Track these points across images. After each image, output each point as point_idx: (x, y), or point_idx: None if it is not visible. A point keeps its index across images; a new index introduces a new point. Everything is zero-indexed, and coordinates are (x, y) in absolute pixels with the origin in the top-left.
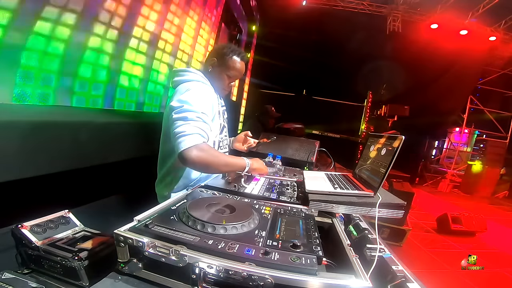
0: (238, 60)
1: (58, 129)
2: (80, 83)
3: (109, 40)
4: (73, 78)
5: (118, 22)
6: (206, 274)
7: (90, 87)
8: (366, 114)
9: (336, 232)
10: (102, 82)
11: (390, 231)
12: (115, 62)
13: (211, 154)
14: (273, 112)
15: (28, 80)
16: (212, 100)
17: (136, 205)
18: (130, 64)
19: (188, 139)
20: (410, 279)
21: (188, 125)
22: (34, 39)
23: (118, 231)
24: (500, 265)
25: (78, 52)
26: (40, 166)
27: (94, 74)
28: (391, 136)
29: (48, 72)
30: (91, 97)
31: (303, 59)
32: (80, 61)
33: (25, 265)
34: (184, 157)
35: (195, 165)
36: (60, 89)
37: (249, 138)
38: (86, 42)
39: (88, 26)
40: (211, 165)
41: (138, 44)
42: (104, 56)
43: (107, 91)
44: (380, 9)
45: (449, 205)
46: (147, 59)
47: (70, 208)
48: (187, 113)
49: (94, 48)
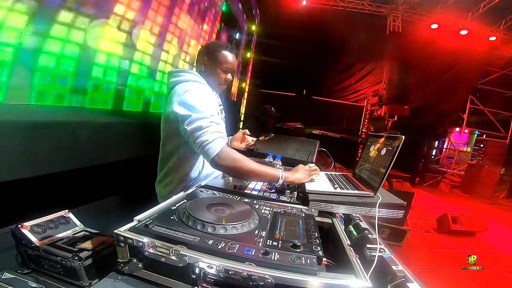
0: (228, 53)
1: (58, 129)
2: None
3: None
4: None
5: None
6: (206, 274)
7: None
8: (366, 114)
9: (336, 232)
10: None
11: (390, 231)
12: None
13: (237, 158)
14: (272, 112)
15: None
16: (212, 100)
17: (136, 205)
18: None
19: (213, 146)
20: (410, 279)
21: (207, 133)
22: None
23: (118, 231)
24: (500, 265)
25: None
26: (40, 166)
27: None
28: (391, 136)
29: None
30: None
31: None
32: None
33: (25, 265)
34: (216, 164)
35: (225, 169)
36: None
37: (247, 137)
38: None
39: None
40: (238, 169)
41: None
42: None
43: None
44: (380, 9)
45: (449, 205)
46: (153, 61)
47: (70, 208)
48: (200, 122)
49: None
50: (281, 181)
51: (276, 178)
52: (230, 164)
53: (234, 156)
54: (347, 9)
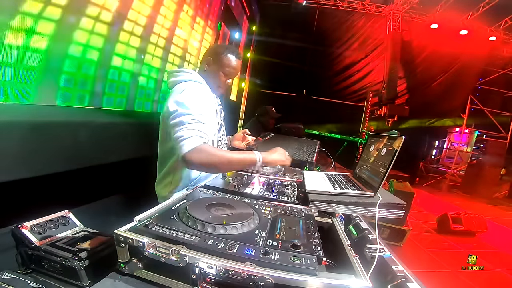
0: (233, 58)
1: (58, 129)
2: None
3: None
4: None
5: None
6: (206, 274)
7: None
8: (366, 114)
9: (336, 232)
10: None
11: (390, 231)
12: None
13: (213, 154)
14: (273, 112)
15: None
16: (208, 98)
17: (136, 205)
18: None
19: (187, 142)
20: (410, 279)
21: (185, 129)
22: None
23: (118, 231)
24: (500, 265)
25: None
26: (40, 166)
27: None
28: (391, 136)
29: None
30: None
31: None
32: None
33: (25, 265)
34: (186, 161)
35: (197, 167)
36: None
37: (247, 136)
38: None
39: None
40: (214, 165)
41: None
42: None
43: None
44: (380, 9)
45: (449, 205)
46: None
47: (70, 208)
48: (182, 117)
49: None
50: (259, 163)
51: (254, 162)
52: (203, 161)
53: (207, 153)
54: (347, 9)
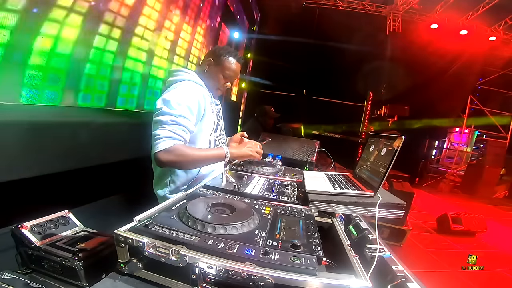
0: (234, 61)
1: (58, 129)
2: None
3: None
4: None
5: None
6: (206, 274)
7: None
8: (366, 114)
9: (336, 232)
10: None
11: (390, 231)
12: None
13: (180, 154)
14: (272, 112)
15: None
16: (200, 99)
17: (136, 205)
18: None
19: (160, 143)
20: (410, 279)
21: (162, 129)
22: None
23: (118, 231)
24: (500, 265)
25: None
26: (40, 166)
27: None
28: (391, 136)
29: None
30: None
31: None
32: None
33: (25, 265)
34: (156, 160)
35: (167, 166)
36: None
37: (245, 139)
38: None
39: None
40: (182, 164)
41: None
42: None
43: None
44: (380, 9)
45: (449, 205)
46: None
47: (70, 208)
48: (163, 116)
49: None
50: (227, 159)
51: (223, 156)
52: (172, 160)
53: (176, 154)
54: (347, 9)
